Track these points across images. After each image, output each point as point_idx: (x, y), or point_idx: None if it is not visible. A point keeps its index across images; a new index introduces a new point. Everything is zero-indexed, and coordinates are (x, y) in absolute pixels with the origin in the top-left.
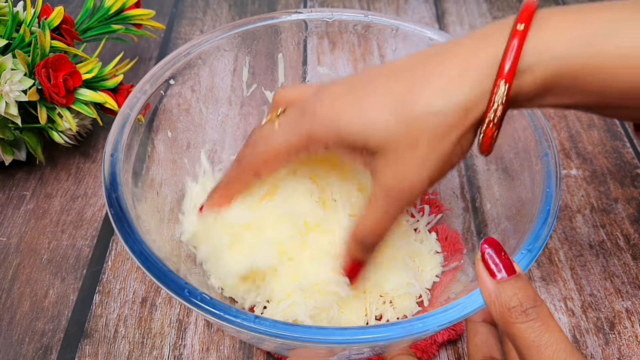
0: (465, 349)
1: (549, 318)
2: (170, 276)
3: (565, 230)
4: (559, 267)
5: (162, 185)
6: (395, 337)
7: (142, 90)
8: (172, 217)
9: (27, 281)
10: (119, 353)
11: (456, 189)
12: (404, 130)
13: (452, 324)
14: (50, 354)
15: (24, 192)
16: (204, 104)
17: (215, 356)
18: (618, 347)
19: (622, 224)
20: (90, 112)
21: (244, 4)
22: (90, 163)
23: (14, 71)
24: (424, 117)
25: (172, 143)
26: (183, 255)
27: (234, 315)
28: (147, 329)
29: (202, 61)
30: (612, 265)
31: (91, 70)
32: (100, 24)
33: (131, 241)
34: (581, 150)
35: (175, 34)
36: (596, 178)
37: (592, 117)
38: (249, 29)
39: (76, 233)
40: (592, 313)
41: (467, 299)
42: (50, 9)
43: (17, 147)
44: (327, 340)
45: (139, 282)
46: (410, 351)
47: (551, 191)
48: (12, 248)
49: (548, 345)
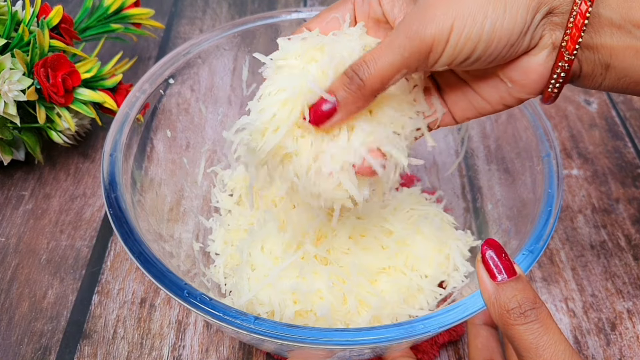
0: (466, 350)
1: (548, 319)
2: (169, 277)
3: (567, 230)
4: (560, 267)
5: (161, 185)
6: (395, 338)
7: (141, 89)
8: (172, 217)
9: (25, 282)
10: (118, 354)
11: (457, 189)
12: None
13: (453, 325)
14: (49, 355)
15: (22, 192)
16: (204, 103)
17: (215, 357)
18: (619, 348)
19: (623, 225)
20: (89, 111)
21: (244, 3)
22: (89, 163)
23: (12, 71)
24: None
25: (171, 143)
26: (183, 255)
27: (234, 317)
28: (146, 329)
29: (202, 60)
30: (613, 265)
31: (90, 70)
32: (99, 23)
33: (130, 241)
34: (582, 150)
35: (175, 33)
36: (597, 178)
37: (594, 117)
38: (249, 28)
39: (75, 233)
40: (593, 314)
41: (468, 300)
42: (49, 8)
43: (16, 147)
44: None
45: (138, 282)
46: (410, 353)
47: (552, 192)
48: (10, 248)
49: (547, 346)
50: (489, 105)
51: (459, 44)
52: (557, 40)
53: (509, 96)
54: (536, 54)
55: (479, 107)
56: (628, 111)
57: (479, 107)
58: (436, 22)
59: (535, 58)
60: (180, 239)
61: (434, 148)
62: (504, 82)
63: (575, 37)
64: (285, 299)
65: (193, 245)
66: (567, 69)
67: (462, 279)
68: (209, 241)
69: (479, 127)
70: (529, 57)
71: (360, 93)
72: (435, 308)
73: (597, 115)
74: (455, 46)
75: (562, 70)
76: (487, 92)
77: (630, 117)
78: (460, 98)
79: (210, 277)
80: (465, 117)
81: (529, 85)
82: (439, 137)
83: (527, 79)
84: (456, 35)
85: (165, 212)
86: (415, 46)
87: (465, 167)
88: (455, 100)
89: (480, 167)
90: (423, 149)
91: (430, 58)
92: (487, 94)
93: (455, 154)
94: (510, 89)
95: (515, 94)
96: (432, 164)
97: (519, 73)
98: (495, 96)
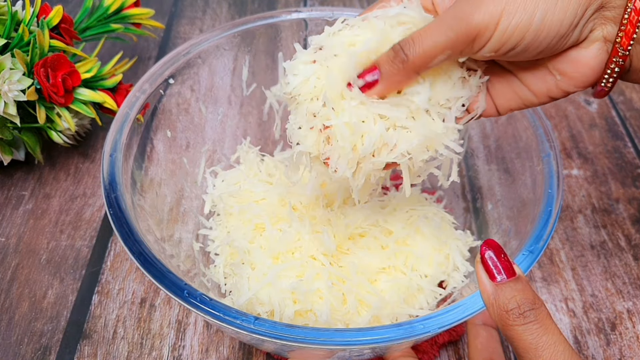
0: (466, 350)
1: (547, 320)
2: (169, 277)
3: (567, 230)
4: (560, 267)
5: (161, 185)
6: (395, 338)
7: (141, 89)
8: (171, 217)
9: (25, 282)
10: (118, 354)
11: (457, 189)
12: None
13: (452, 325)
14: (49, 355)
15: (22, 192)
16: (204, 103)
17: (215, 357)
18: (619, 348)
19: (623, 225)
20: (89, 111)
21: (244, 3)
22: (89, 163)
23: (12, 71)
24: None
25: (171, 143)
26: (183, 255)
27: (234, 317)
28: (146, 329)
29: (202, 60)
30: (613, 265)
31: (90, 70)
32: (99, 23)
33: (130, 242)
34: (582, 150)
35: (175, 33)
36: (597, 178)
37: (594, 117)
38: (249, 28)
39: (75, 233)
40: (593, 314)
41: (468, 300)
42: (49, 8)
43: (16, 147)
44: (327, 342)
45: (138, 282)
46: (411, 352)
47: (553, 192)
48: (10, 248)
49: (546, 347)
50: (534, 96)
51: (507, 31)
52: (608, 35)
53: (557, 88)
54: (586, 47)
55: (524, 98)
56: (628, 111)
57: (524, 98)
58: (486, 8)
59: (585, 51)
60: (180, 239)
61: None
62: (552, 74)
63: (629, 34)
64: (284, 298)
65: (193, 245)
66: (622, 64)
67: (462, 279)
68: (208, 241)
69: (479, 127)
70: (579, 50)
71: (403, 67)
72: (435, 308)
73: (597, 115)
74: (503, 33)
75: (616, 65)
76: (534, 83)
77: (630, 117)
78: (506, 88)
79: (210, 277)
80: (509, 108)
81: (578, 79)
82: None
83: (577, 72)
84: (505, 22)
85: (166, 212)
86: (463, 28)
87: (465, 167)
88: (501, 91)
89: (481, 167)
90: None
91: (476, 43)
92: (534, 85)
93: None
94: (558, 81)
95: (563, 86)
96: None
97: (569, 65)
98: (542, 88)
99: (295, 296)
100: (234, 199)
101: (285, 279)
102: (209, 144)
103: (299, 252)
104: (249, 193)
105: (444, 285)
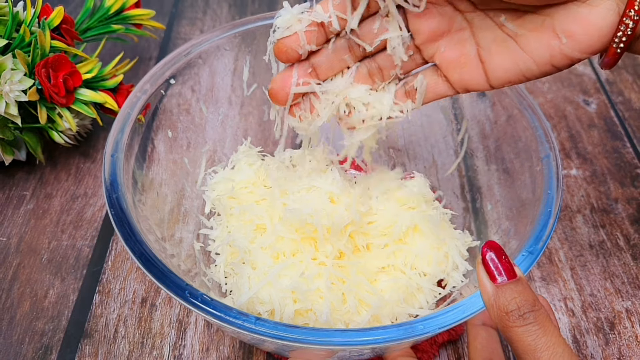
0: (465, 350)
1: (547, 322)
2: (170, 277)
3: (566, 230)
4: (559, 267)
5: (162, 185)
6: (395, 339)
7: (142, 90)
8: (172, 217)
9: (27, 281)
10: (119, 353)
11: (456, 190)
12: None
13: (452, 326)
14: (51, 354)
15: (24, 192)
16: (204, 103)
17: (215, 356)
18: (618, 348)
19: (622, 224)
20: (90, 112)
21: (244, 3)
22: (90, 163)
23: (14, 71)
24: None
25: (172, 143)
26: (183, 255)
27: (235, 317)
28: (147, 329)
29: (203, 61)
30: (612, 265)
31: (91, 70)
32: (100, 23)
33: (131, 242)
34: (581, 150)
35: (175, 34)
36: (596, 178)
37: (592, 117)
38: (249, 29)
39: (76, 233)
40: (592, 313)
41: (467, 301)
42: (50, 8)
43: (17, 147)
44: (328, 342)
45: (138, 282)
46: (410, 352)
47: (552, 192)
48: (12, 248)
49: (545, 348)
50: (535, 65)
51: None
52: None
53: (560, 54)
54: (597, 5)
55: (524, 67)
56: (627, 111)
57: (524, 67)
58: None
59: (596, 10)
60: (181, 238)
61: (432, 147)
62: (558, 37)
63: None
64: (285, 297)
65: (194, 244)
66: (634, 26)
67: (461, 278)
68: (209, 241)
69: (478, 128)
70: (589, 8)
71: None
72: (434, 307)
73: (596, 115)
74: None
75: (626, 27)
76: (536, 49)
77: (629, 117)
78: (505, 57)
79: (211, 276)
80: (506, 81)
81: (584, 42)
82: (439, 137)
83: (584, 33)
84: None
85: (166, 212)
86: None
87: (464, 167)
88: (499, 60)
89: (480, 168)
90: (423, 149)
91: None
92: (536, 51)
93: (455, 154)
94: (563, 45)
95: (568, 51)
96: (431, 164)
97: (577, 25)
98: (545, 54)
99: (296, 295)
100: (234, 200)
101: (286, 278)
102: (210, 144)
103: (300, 252)
104: (249, 194)
105: (443, 285)
